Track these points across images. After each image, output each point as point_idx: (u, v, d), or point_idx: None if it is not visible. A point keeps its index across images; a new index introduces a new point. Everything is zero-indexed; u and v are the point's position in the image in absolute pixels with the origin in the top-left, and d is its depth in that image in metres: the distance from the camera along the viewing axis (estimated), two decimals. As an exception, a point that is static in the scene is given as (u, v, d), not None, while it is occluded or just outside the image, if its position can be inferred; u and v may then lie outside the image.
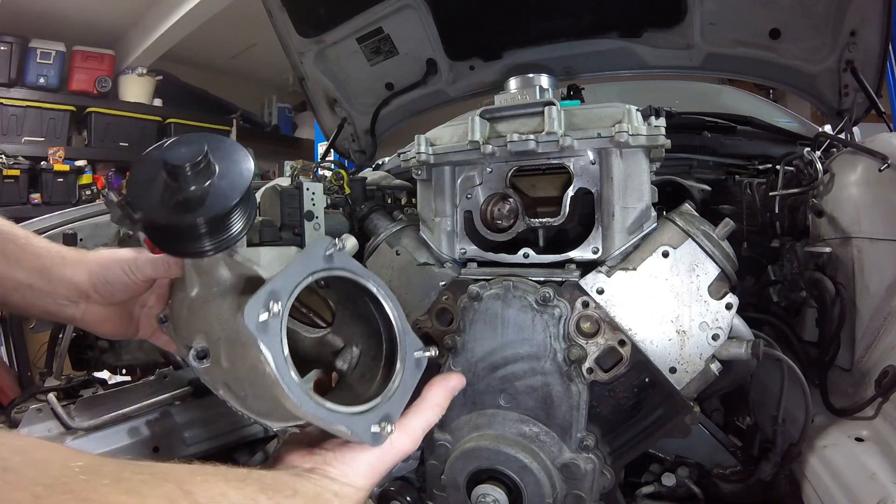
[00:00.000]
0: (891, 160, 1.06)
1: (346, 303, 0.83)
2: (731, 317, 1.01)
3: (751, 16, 1.68)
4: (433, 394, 0.75)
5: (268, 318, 0.58)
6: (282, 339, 0.60)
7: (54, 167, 5.67)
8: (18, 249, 0.83)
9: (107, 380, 1.74)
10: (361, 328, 0.81)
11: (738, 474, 1.16)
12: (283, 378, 0.59)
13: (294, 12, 2.05)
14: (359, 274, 0.74)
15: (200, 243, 0.69)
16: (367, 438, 0.63)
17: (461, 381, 0.78)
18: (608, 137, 1.05)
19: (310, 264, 0.67)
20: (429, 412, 0.73)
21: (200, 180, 0.65)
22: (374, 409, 0.66)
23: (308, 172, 2.11)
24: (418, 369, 0.74)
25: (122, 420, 1.46)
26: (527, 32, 1.96)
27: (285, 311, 0.61)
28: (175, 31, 5.77)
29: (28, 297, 0.83)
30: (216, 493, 0.49)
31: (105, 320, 0.88)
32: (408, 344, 0.74)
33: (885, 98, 2.88)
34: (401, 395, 0.70)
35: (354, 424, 0.63)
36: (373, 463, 0.66)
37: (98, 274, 0.84)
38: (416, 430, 0.70)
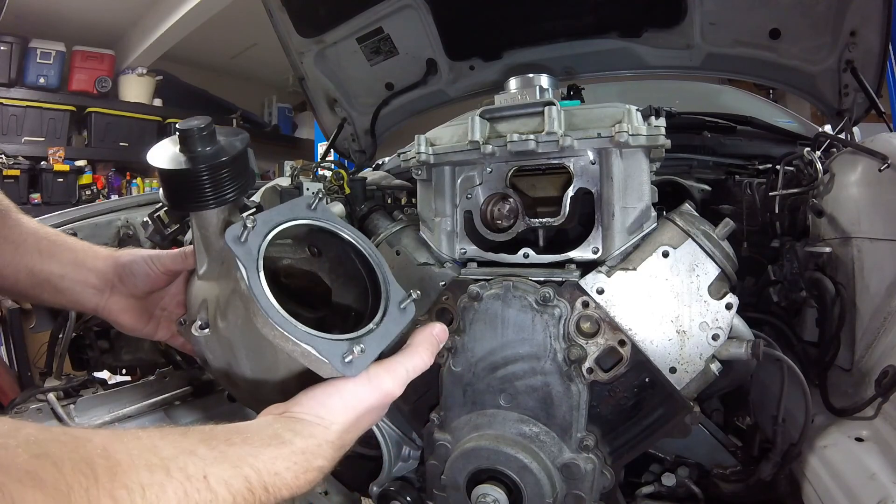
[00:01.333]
0: (891, 160, 1.06)
1: (337, 268, 0.85)
2: (731, 317, 1.01)
3: (751, 16, 1.68)
4: (419, 339, 0.75)
5: (246, 234, 0.65)
6: (258, 259, 0.65)
7: (54, 167, 5.68)
8: (52, 245, 0.90)
9: (107, 380, 1.74)
10: (354, 292, 0.82)
11: (738, 474, 1.16)
12: (255, 289, 0.62)
13: (294, 12, 2.05)
14: (339, 225, 0.78)
15: (203, 195, 0.77)
16: (336, 362, 0.62)
17: (444, 329, 0.79)
18: (608, 137, 1.05)
19: (293, 210, 0.74)
20: (414, 356, 0.72)
21: (205, 143, 0.77)
22: (349, 339, 0.66)
23: (308, 172, 2.10)
24: (403, 315, 0.75)
25: (122, 420, 1.46)
26: (527, 32, 1.96)
27: (264, 241, 0.67)
28: (175, 31, 5.77)
29: (59, 288, 0.89)
30: (144, 449, 0.47)
31: (125, 311, 0.93)
32: (391, 293, 0.76)
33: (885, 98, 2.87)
34: (382, 335, 0.70)
35: (325, 348, 0.62)
36: (347, 398, 0.63)
37: (124, 265, 0.91)
38: (399, 371, 0.69)
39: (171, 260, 0.92)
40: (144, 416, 1.50)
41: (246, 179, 0.82)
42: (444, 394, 1.17)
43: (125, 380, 1.80)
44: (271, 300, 0.63)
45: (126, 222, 1.73)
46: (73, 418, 1.41)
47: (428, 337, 0.76)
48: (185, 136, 0.76)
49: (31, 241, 0.88)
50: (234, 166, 0.79)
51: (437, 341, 0.77)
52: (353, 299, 0.83)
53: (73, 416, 1.41)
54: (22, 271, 0.87)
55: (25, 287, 0.88)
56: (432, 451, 1.18)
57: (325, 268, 0.87)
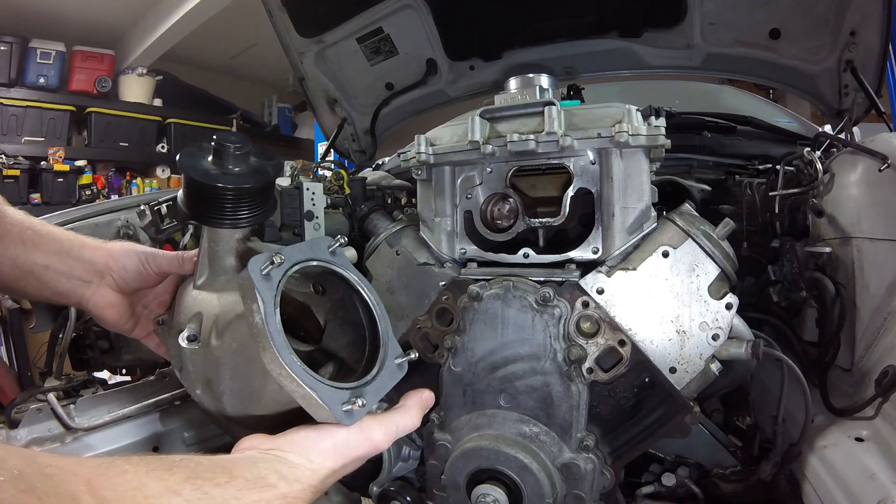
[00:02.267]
0: (891, 160, 1.06)
1: (338, 310, 0.86)
2: (731, 317, 1.01)
3: (751, 16, 1.68)
4: (410, 401, 0.78)
5: (270, 269, 0.65)
6: (276, 296, 0.65)
7: (54, 167, 5.68)
8: (36, 235, 0.87)
9: (107, 380, 1.74)
10: (350, 336, 0.83)
11: (738, 474, 1.16)
12: (270, 327, 0.62)
13: (294, 12, 2.05)
14: (355, 276, 0.80)
15: (223, 214, 0.78)
16: (337, 411, 0.63)
17: (431, 396, 0.82)
18: (608, 137, 1.05)
19: (314, 250, 0.75)
20: (405, 416, 0.75)
21: (238, 163, 0.78)
22: (350, 389, 0.67)
23: (308, 172, 2.10)
24: (399, 371, 0.77)
25: (122, 420, 1.46)
26: (527, 32, 1.96)
27: (284, 277, 0.67)
28: (175, 31, 5.77)
29: (41, 279, 0.87)
30: (130, 487, 0.47)
31: (110, 306, 0.91)
32: (390, 349, 0.78)
33: (885, 98, 2.88)
34: (378, 389, 0.72)
35: (327, 394, 0.63)
36: (338, 444, 0.63)
37: (117, 258, 0.89)
38: (390, 427, 0.70)
39: (167, 262, 0.91)
40: (144, 416, 1.50)
41: (267, 208, 0.83)
42: (444, 394, 1.17)
43: (125, 380, 1.80)
44: (284, 340, 0.63)
45: (126, 222, 1.73)
46: (73, 418, 1.40)
47: (418, 400, 0.79)
48: (219, 150, 0.77)
49: (15, 231, 0.85)
50: (259, 194, 0.80)
51: (425, 405, 0.79)
52: (345, 344, 0.84)
53: (73, 416, 1.41)
54: (5, 263, 0.84)
55: (9, 279, 0.85)
56: (432, 451, 1.18)
57: (325, 307, 0.87)
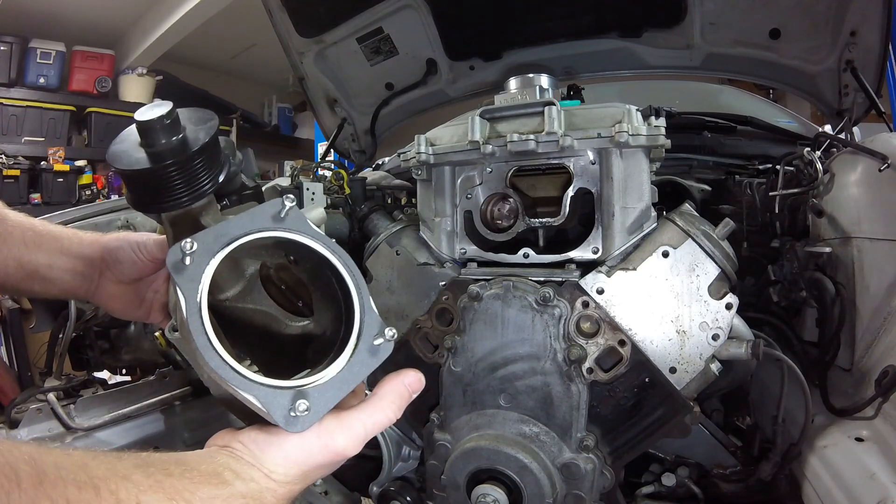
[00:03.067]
0: (891, 160, 1.06)
1: (315, 281, 0.75)
2: (731, 317, 1.01)
3: (751, 16, 1.68)
4: (385, 391, 0.63)
5: (187, 259, 0.56)
6: (201, 285, 0.56)
7: (54, 167, 5.68)
8: (37, 235, 0.87)
9: (107, 380, 1.74)
10: (333, 311, 0.71)
11: (738, 474, 1.16)
12: (192, 324, 0.54)
13: (294, 12, 2.05)
14: (312, 237, 0.65)
15: (169, 194, 0.69)
16: (278, 416, 0.54)
17: (419, 379, 0.66)
18: (608, 137, 1.05)
19: (254, 221, 0.63)
20: (376, 411, 0.61)
21: (167, 135, 0.68)
22: (296, 388, 0.56)
23: (308, 172, 2.10)
24: (375, 357, 0.62)
25: (122, 420, 1.46)
26: (527, 32, 1.96)
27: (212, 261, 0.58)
28: (175, 31, 5.77)
29: (47, 278, 0.87)
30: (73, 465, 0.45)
31: (115, 297, 0.91)
32: (366, 325, 0.63)
33: (885, 98, 2.88)
34: (342, 382, 0.59)
35: (267, 397, 0.54)
36: (290, 453, 0.56)
37: (111, 251, 0.89)
38: (356, 429, 0.59)
39: (158, 248, 0.89)
40: (144, 416, 1.50)
41: (219, 169, 0.73)
42: (444, 394, 1.17)
43: (125, 380, 1.80)
44: (210, 339, 0.55)
45: (126, 222, 1.73)
46: (73, 418, 1.41)
47: (398, 388, 0.63)
48: (145, 129, 0.67)
49: (17, 233, 0.86)
50: (203, 158, 0.70)
51: (408, 393, 0.64)
52: (330, 318, 0.72)
53: (73, 416, 1.41)
54: (11, 265, 0.85)
55: (16, 280, 0.86)
56: (432, 451, 1.18)
57: (304, 277, 0.77)
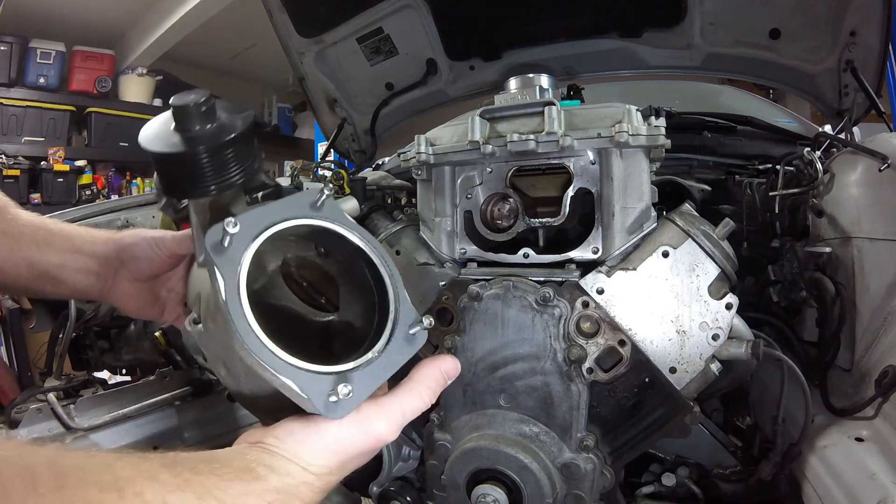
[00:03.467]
0: (891, 160, 1.06)
1: (345, 273, 0.75)
2: (731, 317, 1.01)
3: (751, 16, 1.68)
4: (421, 375, 0.63)
5: (227, 240, 0.56)
6: (240, 267, 0.56)
7: (54, 167, 5.69)
8: (49, 234, 0.86)
9: (107, 380, 1.74)
10: (363, 303, 0.71)
11: (738, 474, 1.16)
12: (231, 308, 0.53)
13: (294, 12, 2.05)
14: (347, 227, 0.65)
15: (201, 181, 0.69)
16: (318, 402, 0.53)
17: (455, 365, 0.66)
18: (608, 137, 1.05)
19: (292, 208, 0.63)
20: (413, 396, 0.60)
21: (202, 122, 0.68)
22: (337, 373, 0.56)
23: (308, 172, 2.11)
24: (410, 345, 0.63)
25: (122, 420, 1.46)
26: (527, 32, 1.96)
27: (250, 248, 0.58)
28: (175, 31, 5.78)
29: (59, 278, 0.86)
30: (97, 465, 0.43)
31: (130, 296, 0.90)
32: (401, 314, 0.64)
33: (885, 98, 2.88)
34: (380, 369, 0.59)
35: (307, 383, 0.53)
36: (329, 442, 0.54)
37: (127, 248, 0.87)
38: (394, 414, 0.58)
39: (176, 243, 0.88)
40: (144, 416, 1.50)
41: (252, 160, 0.73)
42: (443, 394, 1.17)
43: (125, 380, 1.80)
44: (250, 322, 0.54)
45: (126, 222, 1.73)
46: (73, 418, 1.41)
47: (434, 373, 0.64)
48: (180, 114, 0.68)
49: (28, 232, 0.85)
50: (237, 147, 0.70)
51: (444, 379, 0.65)
52: (360, 311, 0.73)
53: (73, 416, 1.41)
54: (22, 265, 0.84)
55: (27, 281, 0.85)
56: (432, 451, 1.18)
57: (333, 270, 0.77)
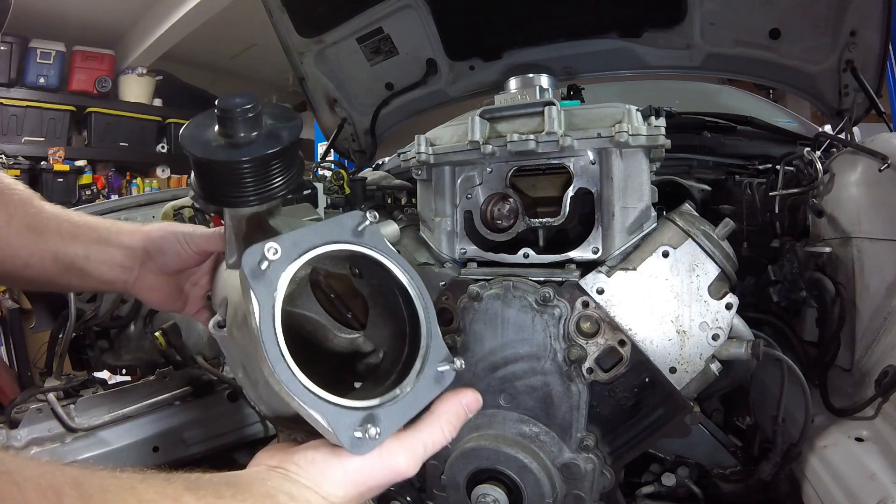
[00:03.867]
0: (891, 160, 1.06)
1: (377, 297, 0.74)
2: (731, 317, 1.01)
3: (751, 16, 1.68)
4: (443, 409, 0.63)
5: (266, 264, 0.54)
6: (276, 293, 0.55)
7: (54, 167, 5.69)
8: (74, 227, 0.86)
9: (107, 380, 1.74)
10: (391, 329, 0.71)
11: (738, 474, 1.16)
12: (265, 336, 0.53)
13: (294, 12, 2.06)
14: (389, 256, 0.65)
15: (242, 191, 0.67)
16: (344, 438, 0.53)
17: (476, 399, 0.66)
18: (608, 137, 1.05)
19: (333, 232, 0.62)
20: (435, 430, 0.60)
21: (248, 128, 0.66)
22: (365, 409, 0.55)
23: (308, 172, 2.11)
24: (438, 384, 0.63)
25: (122, 420, 1.46)
26: (527, 32, 1.96)
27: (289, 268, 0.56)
28: (175, 31, 5.78)
29: (84, 270, 0.85)
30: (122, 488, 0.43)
31: (155, 289, 0.90)
32: (432, 351, 0.64)
33: (885, 98, 2.88)
34: (407, 406, 0.59)
35: (334, 417, 0.53)
36: (351, 473, 0.54)
37: (155, 241, 0.87)
38: (416, 449, 0.58)
39: (205, 240, 0.87)
40: (144, 416, 1.50)
41: (293, 173, 0.71)
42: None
43: (125, 380, 1.80)
44: (282, 351, 0.53)
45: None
46: (73, 418, 1.41)
47: (455, 408, 0.63)
48: (225, 117, 0.65)
49: (53, 225, 0.84)
50: (282, 159, 0.68)
51: (465, 413, 0.64)
52: (387, 336, 0.72)
53: (73, 416, 1.41)
54: (47, 258, 0.83)
55: (53, 274, 0.84)
56: (432, 451, 1.18)
57: (365, 291, 0.76)
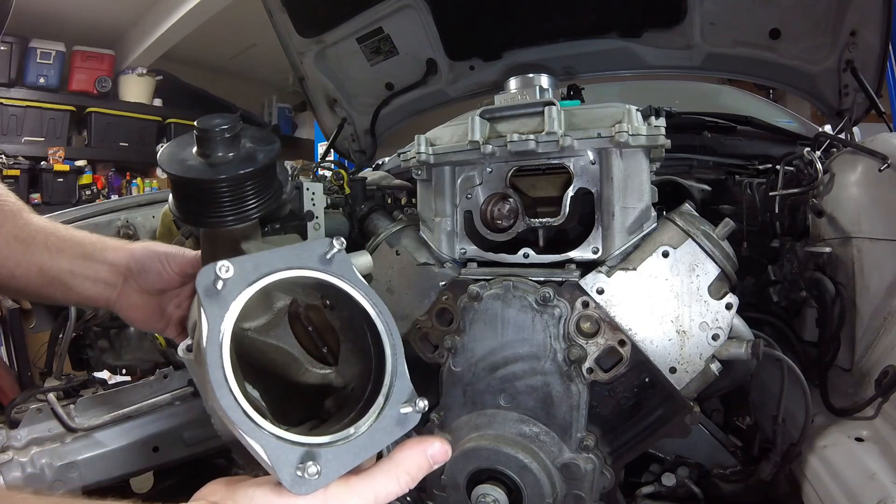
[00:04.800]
0: (891, 160, 1.06)
1: (347, 331, 0.70)
2: (731, 317, 1.01)
3: (751, 16, 1.68)
4: (403, 457, 0.55)
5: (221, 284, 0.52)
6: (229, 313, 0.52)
7: (54, 167, 5.68)
8: (60, 241, 0.86)
9: (107, 380, 1.74)
10: (360, 366, 0.66)
11: (738, 474, 1.16)
12: (210, 355, 0.50)
13: (294, 12, 2.06)
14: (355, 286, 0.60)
15: (214, 211, 0.67)
16: (284, 474, 0.48)
17: (444, 451, 0.57)
18: (608, 137, 1.05)
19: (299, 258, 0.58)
20: (391, 480, 0.53)
21: (225, 149, 0.66)
22: (312, 446, 0.50)
23: (308, 172, 2.11)
24: (400, 427, 0.56)
25: (122, 420, 1.46)
26: (527, 32, 1.96)
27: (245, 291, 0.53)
28: (175, 31, 5.77)
29: (68, 284, 0.86)
30: None
31: (137, 307, 0.90)
32: (396, 389, 0.57)
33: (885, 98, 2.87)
34: (361, 448, 0.53)
35: (275, 450, 0.49)
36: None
37: (138, 260, 0.87)
38: (366, 498, 0.51)
39: (186, 262, 0.87)
40: (144, 416, 1.50)
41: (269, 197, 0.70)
42: (443, 394, 1.17)
43: (125, 380, 1.80)
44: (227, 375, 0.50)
45: (126, 222, 1.73)
46: (73, 418, 1.41)
47: (418, 458, 0.55)
48: (204, 137, 0.66)
49: (40, 238, 0.85)
50: (257, 180, 0.68)
51: (428, 465, 0.56)
52: (357, 373, 0.67)
53: (73, 416, 1.41)
54: (33, 270, 0.84)
55: (37, 286, 0.86)
56: (432, 451, 1.18)
57: (337, 324, 0.71)
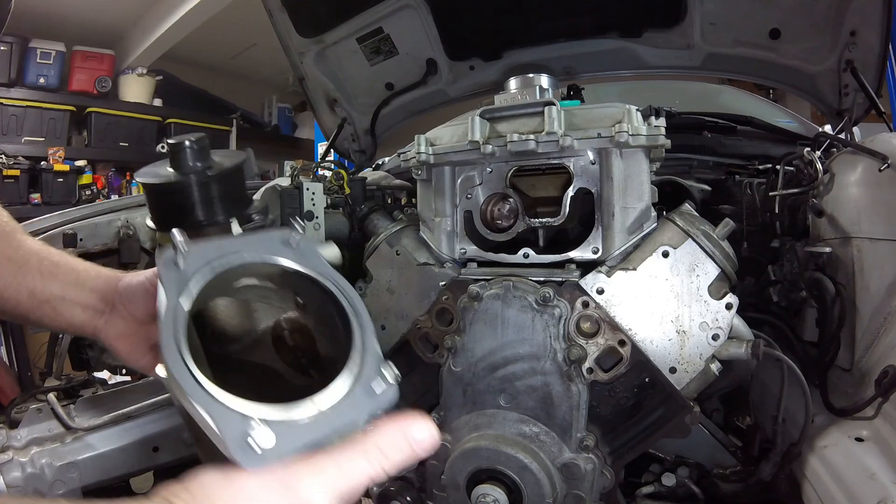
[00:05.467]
0: (891, 160, 1.06)
1: (321, 327, 0.68)
2: (731, 317, 1.01)
3: (751, 16, 1.68)
4: (379, 436, 0.49)
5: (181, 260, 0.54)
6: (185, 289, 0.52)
7: (54, 167, 5.67)
8: (53, 266, 0.86)
9: (107, 380, 1.74)
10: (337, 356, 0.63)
11: (738, 474, 1.16)
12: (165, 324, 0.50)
13: (294, 12, 2.05)
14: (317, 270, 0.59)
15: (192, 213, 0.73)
16: (232, 443, 0.44)
17: (431, 435, 0.51)
18: (608, 137, 1.05)
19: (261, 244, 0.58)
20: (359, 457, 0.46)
21: (194, 160, 0.73)
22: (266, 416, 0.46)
23: (308, 172, 2.10)
24: (371, 400, 0.52)
25: (122, 420, 1.46)
26: (527, 32, 1.96)
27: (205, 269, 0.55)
28: (175, 31, 5.77)
29: (58, 309, 0.86)
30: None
31: (123, 336, 0.88)
32: (367, 365, 0.54)
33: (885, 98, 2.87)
34: (323, 422, 0.48)
35: (222, 418, 0.45)
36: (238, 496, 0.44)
37: (126, 284, 0.87)
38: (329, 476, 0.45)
39: None
40: (144, 416, 1.50)
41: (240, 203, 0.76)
42: (444, 394, 1.17)
43: (125, 380, 1.80)
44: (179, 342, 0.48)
45: (126, 222, 1.73)
46: (73, 418, 1.41)
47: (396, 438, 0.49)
48: (175, 151, 0.72)
49: (34, 261, 0.85)
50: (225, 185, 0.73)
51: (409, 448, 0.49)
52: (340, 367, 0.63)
53: (73, 416, 1.41)
54: (23, 293, 0.84)
55: (27, 309, 0.85)
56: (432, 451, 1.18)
57: (311, 324, 0.69)
